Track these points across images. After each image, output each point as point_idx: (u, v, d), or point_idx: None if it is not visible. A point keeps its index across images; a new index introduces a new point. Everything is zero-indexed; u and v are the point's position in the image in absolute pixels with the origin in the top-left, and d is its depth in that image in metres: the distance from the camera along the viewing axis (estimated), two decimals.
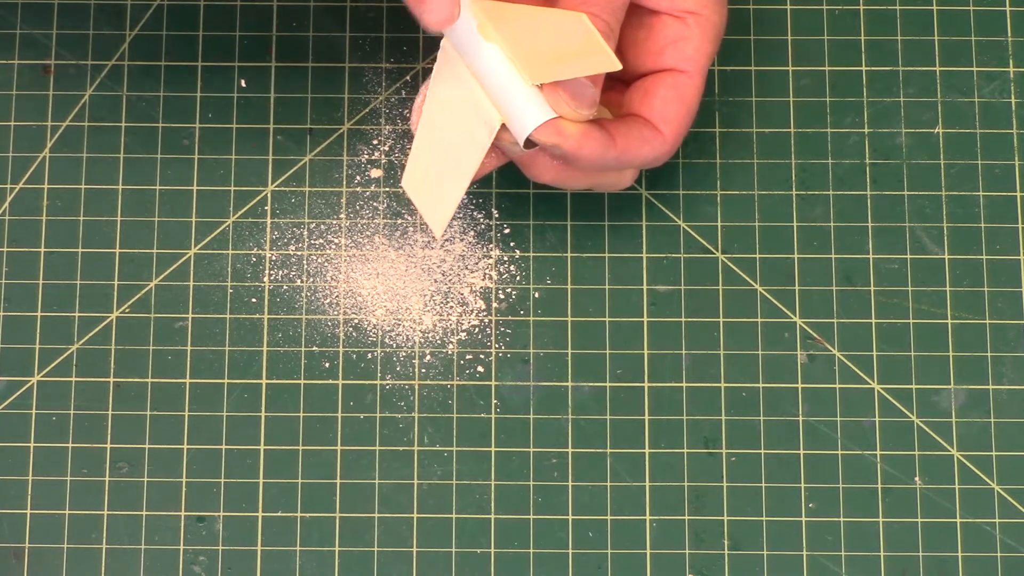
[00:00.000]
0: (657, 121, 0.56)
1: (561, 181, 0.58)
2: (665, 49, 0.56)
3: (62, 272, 0.61)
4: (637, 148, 0.55)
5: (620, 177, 0.59)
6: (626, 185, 0.59)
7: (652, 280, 0.61)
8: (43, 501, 0.60)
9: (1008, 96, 0.63)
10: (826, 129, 0.63)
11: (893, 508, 0.59)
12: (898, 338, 0.61)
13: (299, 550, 0.59)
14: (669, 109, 0.56)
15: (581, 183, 0.58)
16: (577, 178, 0.57)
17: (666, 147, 0.56)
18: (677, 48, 0.56)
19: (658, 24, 0.56)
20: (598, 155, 0.54)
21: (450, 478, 0.60)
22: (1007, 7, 0.64)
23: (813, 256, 0.61)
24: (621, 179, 0.59)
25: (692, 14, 0.56)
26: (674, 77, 0.56)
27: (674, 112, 0.56)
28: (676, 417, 0.60)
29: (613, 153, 0.55)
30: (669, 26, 0.56)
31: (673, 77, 0.56)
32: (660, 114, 0.56)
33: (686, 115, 0.56)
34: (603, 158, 0.54)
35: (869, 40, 0.63)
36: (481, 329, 0.61)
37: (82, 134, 0.63)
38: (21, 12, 0.64)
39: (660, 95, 0.56)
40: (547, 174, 0.57)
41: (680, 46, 0.56)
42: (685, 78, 0.56)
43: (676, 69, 0.56)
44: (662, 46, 0.56)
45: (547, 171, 0.57)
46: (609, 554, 0.59)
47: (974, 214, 0.62)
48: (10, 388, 0.60)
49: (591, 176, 0.58)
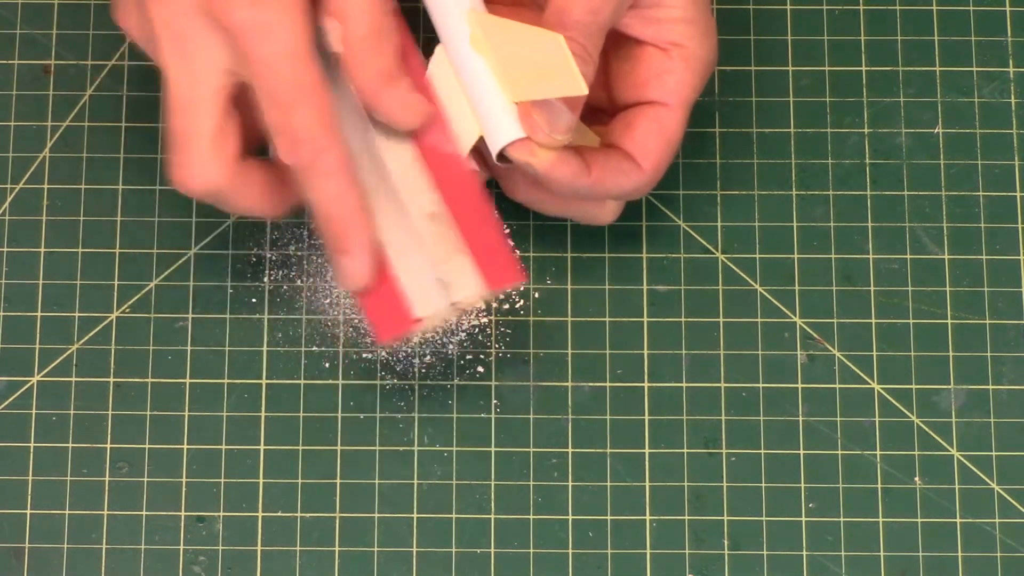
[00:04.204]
0: (636, 153, 0.55)
1: (535, 203, 0.58)
2: (648, 81, 0.56)
3: (62, 272, 0.61)
4: (613, 179, 0.55)
5: (599, 210, 0.58)
6: (607, 221, 0.59)
7: (652, 280, 0.61)
8: (43, 501, 0.60)
9: (1008, 96, 0.63)
10: (826, 129, 0.63)
11: (893, 508, 0.59)
12: (898, 338, 0.61)
13: (299, 550, 0.59)
14: (649, 142, 0.55)
15: (555, 208, 0.58)
16: (550, 202, 0.57)
17: (644, 180, 0.56)
18: (660, 81, 0.56)
19: (643, 56, 0.56)
20: (570, 181, 0.54)
21: (450, 478, 0.60)
22: (1007, 7, 0.64)
23: (813, 256, 0.61)
24: (601, 213, 0.58)
25: (677, 46, 0.55)
26: (656, 110, 0.56)
27: (654, 145, 0.55)
28: (676, 417, 0.60)
29: (586, 181, 0.54)
30: (653, 58, 0.56)
31: (655, 110, 0.56)
32: (640, 147, 0.55)
33: (666, 148, 0.56)
34: (575, 184, 0.54)
35: (869, 40, 0.63)
36: (481, 329, 0.61)
37: (82, 134, 0.63)
38: (21, 12, 0.64)
39: (641, 127, 0.56)
40: (520, 192, 0.57)
41: (663, 79, 0.56)
42: (667, 111, 0.56)
43: (658, 102, 0.56)
44: (645, 78, 0.56)
45: (520, 189, 0.57)
46: (609, 554, 0.59)
47: (974, 214, 0.62)
48: (10, 388, 0.60)
49: (566, 203, 0.58)
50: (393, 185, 0.55)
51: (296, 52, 0.51)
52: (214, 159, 0.52)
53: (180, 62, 0.52)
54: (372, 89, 0.53)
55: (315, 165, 0.52)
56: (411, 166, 0.55)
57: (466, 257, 0.55)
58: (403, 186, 0.55)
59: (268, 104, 0.51)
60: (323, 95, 0.51)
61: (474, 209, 0.55)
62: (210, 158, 0.52)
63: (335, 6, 0.52)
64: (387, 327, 0.55)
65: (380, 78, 0.53)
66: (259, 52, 0.51)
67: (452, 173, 0.55)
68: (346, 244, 0.53)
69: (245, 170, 0.53)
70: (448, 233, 0.55)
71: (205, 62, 0.51)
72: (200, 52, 0.51)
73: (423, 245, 0.55)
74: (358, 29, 0.52)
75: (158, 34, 0.52)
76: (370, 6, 0.52)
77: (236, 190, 0.53)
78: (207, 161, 0.52)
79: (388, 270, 0.55)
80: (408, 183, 0.55)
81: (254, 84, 0.51)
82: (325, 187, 0.52)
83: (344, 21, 0.52)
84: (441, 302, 0.55)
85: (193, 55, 0.51)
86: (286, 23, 0.51)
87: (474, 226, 0.55)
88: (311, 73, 0.51)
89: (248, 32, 0.51)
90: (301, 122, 0.51)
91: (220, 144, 0.52)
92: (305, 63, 0.51)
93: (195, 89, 0.52)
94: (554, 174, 0.54)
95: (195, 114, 0.52)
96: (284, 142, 0.52)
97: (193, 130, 0.52)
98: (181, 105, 0.52)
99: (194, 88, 0.52)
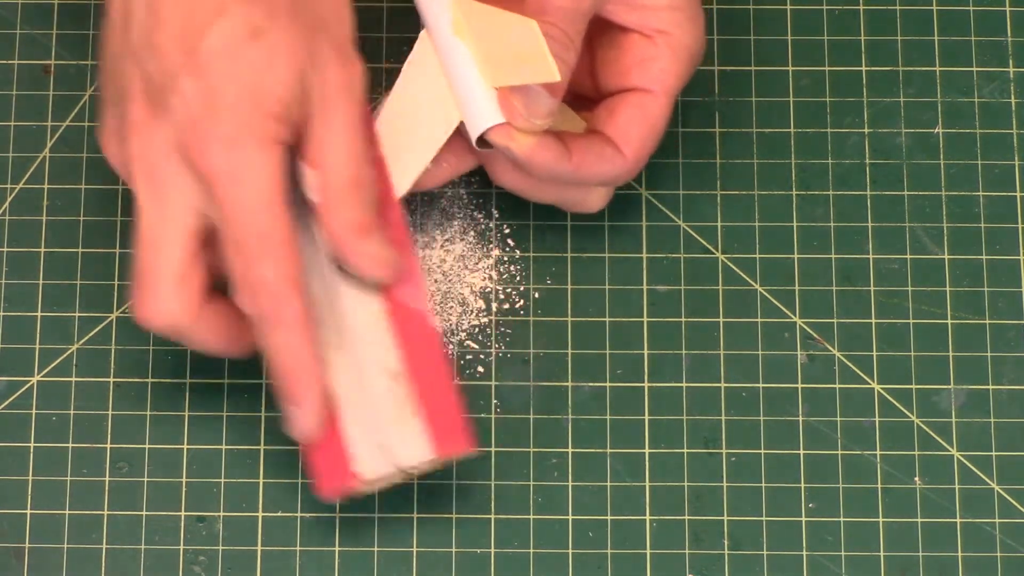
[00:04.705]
0: (619, 140, 0.55)
1: (519, 188, 0.57)
2: (632, 68, 0.56)
3: (62, 272, 0.61)
4: (594, 165, 0.55)
5: (585, 197, 0.58)
6: (594, 209, 0.59)
7: (652, 280, 0.61)
8: (43, 501, 0.60)
9: (1008, 96, 0.63)
10: (826, 129, 0.63)
11: (893, 508, 0.59)
12: (898, 338, 0.61)
13: (299, 550, 0.59)
14: (632, 129, 0.55)
15: (540, 194, 0.58)
16: (535, 188, 0.57)
17: (626, 167, 0.55)
18: (644, 68, 0.56)
19: (627, 43, 0.56)
20: (550, 166, 0.54)
21: (450, 478, 0.60)
22: (1007, 7, 0.64)
23: (813, 256, 0.61)
24: (587, 200, 0.58)
25: (662, 33, 0.55)
26: (639, 97, 0.56)
27: (636, 132, 0.55)
28: (676, 417, 0.60)
29: (567, 167, 0.54)
30: (638, 45, 0.56)
31: (639, 97, 0.56)
32: (622, 133, 0.55)
33: (649, 135, 0.56)
34: (556, 170, 0.54)
35: (869, 40, 0.63)
36: (481, 329, 0.61)
37: (82, 134, 0.63)
38: (21, 12, 0.64)
39: (624, 114, 0.56)
40: (505, 177, 0.57)
41: (647, 65, 0.56)
42: (651, 98, 0.56)
43: (642, 89, 0.56)
44: (629, 65, 0.56)
45: (505, 174, 0.57)
46: (609, 554, 0.59)
47: (974, 214, 0.62)
48: (10, 388, 0.60)
49: (550, 189, 0.57)
50: (354, 339, 0.55)
51: (267, 202, 0.50)
52: (177, 298, 0.51)
53: (152, 198, 0.51)
54: (345, 241, 0.52)
55: (273, 316, 0.51)
56: (376, 320, 0.55)
57: (419, 421, 0.54)
58: (365, 340, 0.55)
59: (233, 252, 0.51)
60: (289, 249, 0.51)
61: (433, 370, 0.55)
62: (173, 297, 0.51)
63: (314, 154, 0.52)
64: (330, 481, 0.54)
65: (354, 230, 0.52)
66: (229, 199, 0.50)
67: (416, 331, 0.55)
68: (298, 396, 0.52)
69: (208, 310, 0.52)
70: (405, 393, 0.54)
71: (176, 201, 0.51)
72: (172, 191, 0.51)
73: (378, 403, 0.54)
74: (336, 179, 0.52)
75: (134, 167, 0.51)
76: (350, 157, 0.52)
77: (197, 329, 0.52)
78: (170, 299, 0.51)
79: (338, 425, 0.54)
80: (371, 337, 0.55)
81: (221, 229, 0.51)
82: (281, 339, 0.51)
83: (323, 171, 0.52)
84: (388, 465, 0.54)
85: (165, 193, 0.51)
86: (260, 171, 0.50)
87: (431, 388, 0.54)
88: (280, 225, 0.50)
89: (220, 177, 0.50)
90: (264, 274, 0.50)
91: (184, 284, 0.51)
92: (275, 215, 0.50)
93: (164, 226, 0.51)
94: (534, 159, 0.54)
95: (162, 251, 0.51)
96: (245, 290, 0.51)
97: (159, 267, 0.51)
98: (150, 240, 0.51)
99: (163, 225, 0.51)
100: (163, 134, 0.50)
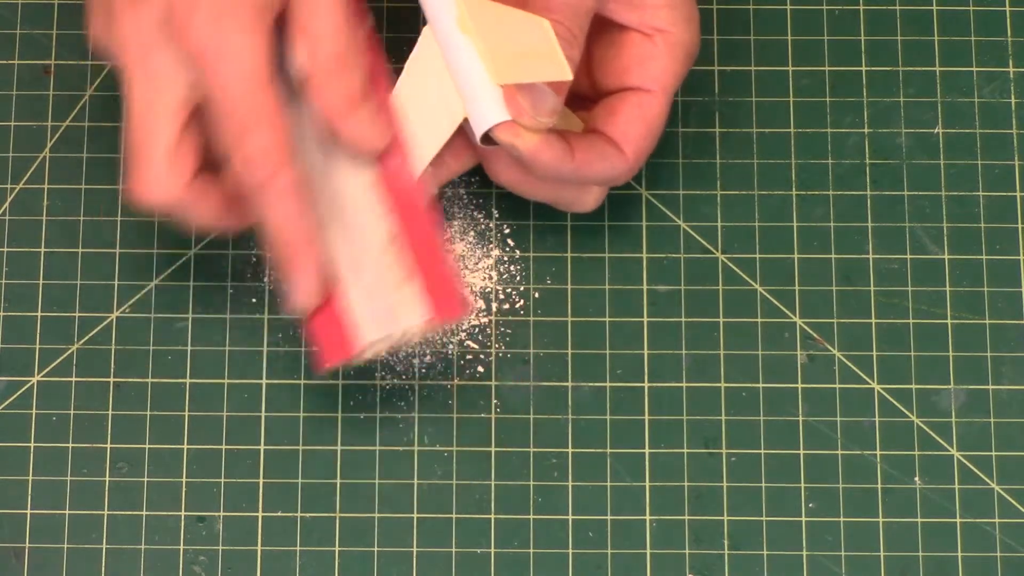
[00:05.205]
0: (619, 139, 0.56)
1: (518, 185, 0.58)
2: (631, 67, 0.56)
3: (62, 272, 0.61)
4: (596, 164, 0.55)
5: (582, 196, 0.58)
6: (588, 208, 0.59)
7: (652, 280, 0.61)
8: (43, 501, 0.60)
9: (1008, 96, 0.63)
10: (826, 129, 0.63)
11: (893, 508, 0.59)
12: (898, 338, 0.61)
13: (299, 550, 0.59)
14: (631, 128, 0.56)
15: (538, 192, 0.58)
16: (533, 186, 0.57)
17: (626, 166, 0.56)
18: (643, 67, 0.56)
19: (626, 42, 0.56)
20: (554, 164, 0.54)
21: (450, 478, 0.60)
22: (1007, 7, 0.64)
23: (813, 256, 0.61)
24: (583, 199, 0.58)
25: (660, 32, 0.56)
26: (639, 96, 0.56)
27: (636, 131, 0.56)
28: (676, 417, 0.60)
29: (570, 165, 0.54)
30: (637, 44, 0.56)
31: (638, 96, 0.56)
32: (622, 132, 0.56)
33: (648, 134, 0.56)
34: (559, 168, 0.54)
35: (869, 40, 0.63)
36: (481, 329, 0.61)
37: (82, 134, 0.63)
38: (21, 12, 0.64)
39: (623, 114, 0.56)
40: (504, 174, 0.57)
41: (646, 65, 0.56)
42: (650, 97, 0.56)
43: (641, 88, 0.56)
44: (628, 64, 0.56)
45: (504, 172, 0.57)
46: (609, 554, 0.59)
47: (974, 214, 0.62)
48: (10, 388, 0.60)
49: (549, 187, 0.58)
50: (348, 208, 0.55)
51: (254, 74, 0.51)
52: (171, 173, 0.52)
53: (142, 76, 0.52)
54: (335, 112, 0.53)
55: (268, 186, 0.52)
56: (369, 190, 0.55)
57: (415, 285, 0.55)
58: (360, 209, 0.55)
59: (224, 124, 0.51)
60: (279, 118, 0.51)
61: (427, 237, 0.55)
62: (167, 172, 0.52)
63: (302, 25, 0.52)
64: (333, 350, 0.55)
65: (344, 101, 0.53)
66: (217, 73, 0.51)
67: (408, 200, 0.55)
68: (296, 264, 0.53)
69: (202, 186, 0.53)
70: (401, 259, 0.55)
71: (166, 77, 0.51)
72: (162, 67, 0.51)
73: (375, 270, 0.55)
74: (325, 50, 0.52)
75: (123, 45, 0.52)
76: (338, 27, 0.52)
77: (192, 205, 0.53)
78: (164, 175, 0.52)
79: (337, 293, 0.55)
80: (366, 206, 0.55)
81: (211, 103, 0.51)
82: (277, 208, 0.52)
83: (311, 41, 0.52)
84: (388, 328, 0.55)
85: (155, 70, 0.51)
86: (246, 44, 0.51)
87: (426, 255, 0.55)
88: (268, 96, 0.51)
89: (207, 52, 0.50)
90: (256, 144, 0.51)
91: (178, 159, 0.52)
92: (263, 86, 0.51)
93: (155, 103, 0.52)
94: (538, 157, 0.54)
95: (154, 128, 0.52)
96: (238, 162, 0.51)
97: (151, 144, 0.52)
98: (141, 118, 0.52)
99: (154, 102, 0.52)
100: (150, 14, 0.51)
